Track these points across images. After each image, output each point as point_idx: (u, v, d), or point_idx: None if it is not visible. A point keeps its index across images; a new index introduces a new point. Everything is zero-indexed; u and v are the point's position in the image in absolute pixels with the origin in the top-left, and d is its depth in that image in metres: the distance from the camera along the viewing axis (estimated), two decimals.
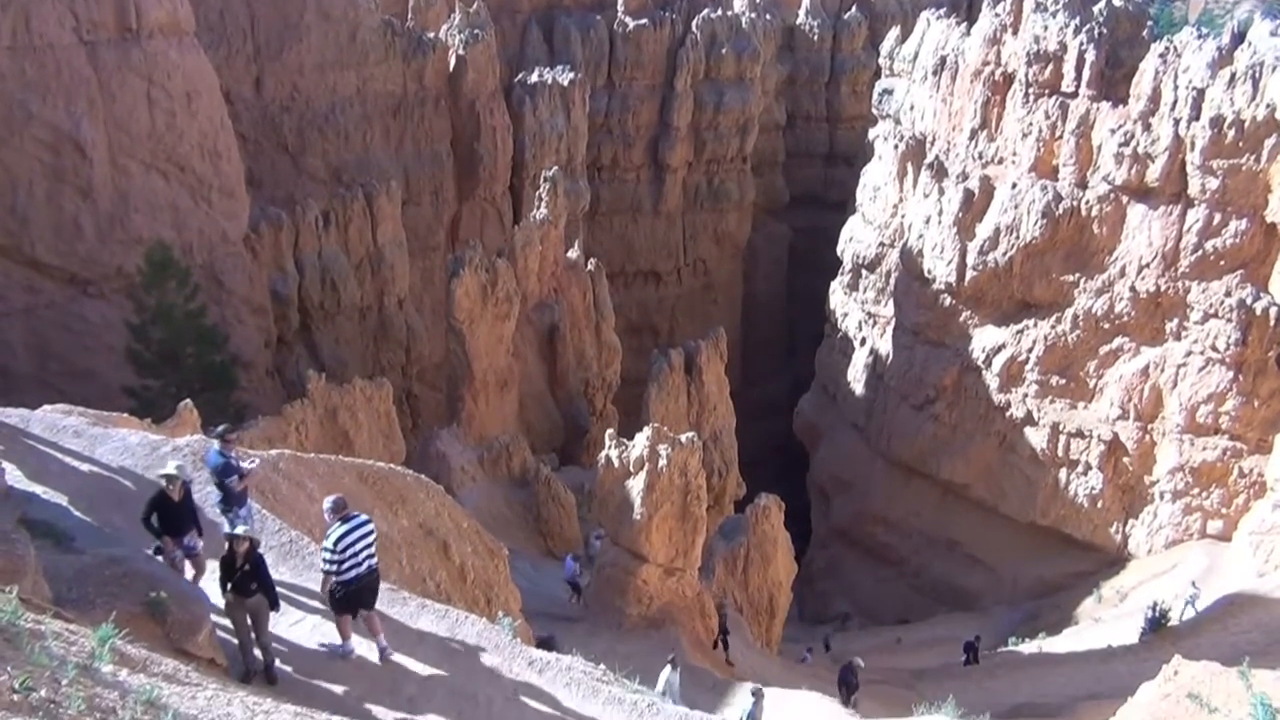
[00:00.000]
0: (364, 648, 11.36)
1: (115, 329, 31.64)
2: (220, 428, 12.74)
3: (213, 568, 10.68)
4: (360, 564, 10.96)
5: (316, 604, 12.11)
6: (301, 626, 11.70)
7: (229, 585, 10.07)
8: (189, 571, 11.17)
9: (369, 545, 11.12)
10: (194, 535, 10.99)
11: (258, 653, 10.34)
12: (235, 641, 10.35)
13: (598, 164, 71.92)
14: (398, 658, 11.37)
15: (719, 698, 22.19)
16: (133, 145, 33.64)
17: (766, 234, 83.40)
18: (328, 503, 11.59)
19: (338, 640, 11.16)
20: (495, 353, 38.57)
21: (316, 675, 11.01)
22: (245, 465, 12.22)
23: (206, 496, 12.96)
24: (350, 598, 10.95)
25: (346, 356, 40.88)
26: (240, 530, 10.19)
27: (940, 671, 35.41)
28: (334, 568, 10.75)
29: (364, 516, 11.46)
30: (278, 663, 10.54)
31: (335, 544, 10.82)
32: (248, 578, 10.00)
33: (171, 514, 10.64)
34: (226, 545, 10.11)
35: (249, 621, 10.22)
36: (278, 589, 10.70)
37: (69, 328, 32.56)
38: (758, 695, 17.80)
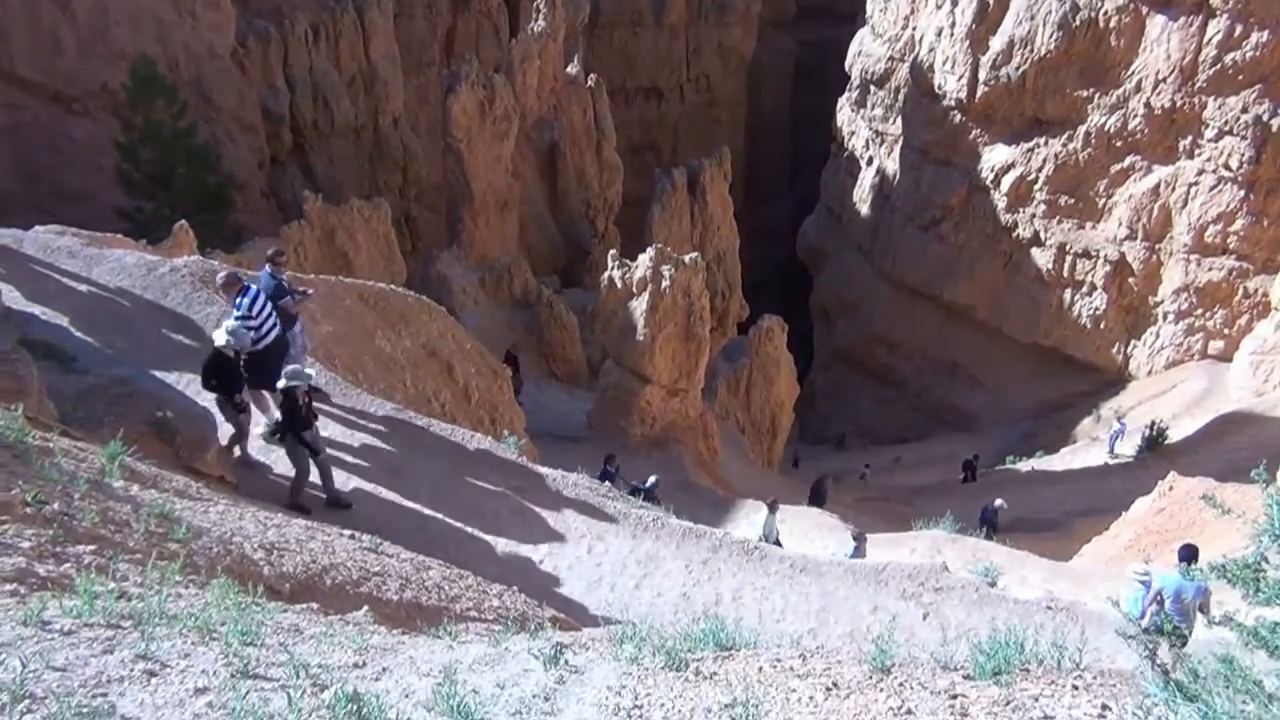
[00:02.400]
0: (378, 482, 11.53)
1: (104, 149, 30.87)
2: (271, 250, 12.86)
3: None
4: (271, 329, 11.34)
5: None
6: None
7: (290, 427, 10.37)
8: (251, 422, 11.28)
9: (273, 314, 11.43)
10: (245, 391, 11.07)
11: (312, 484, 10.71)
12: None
13: None
14: (408, 473, 11.51)
15: (722, 514, 22.81)
16: None
17: (772, 48, 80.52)
18: (220, 279, 11.85)
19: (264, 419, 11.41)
20: (494, 172, 37.85)
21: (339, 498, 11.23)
22: (299, 291, 12.52)
23: (208, 316, 12.90)
24: (265, 364, 11.21)
25: (342, 178, 40.12)
26: (294, 383, 10.32)
27: (938, 489, 36.25)
28: (255, 332, 11.03)
29: (257, 285, 11.69)
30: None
31: (250, 308, 11.09)
32: (307, 420, 10.39)
33: (227, 373, 10.72)
34: (282, 392, 10.32)
35: (310, 458, 10.54)
36: None
37: (56, 148, 31.79)
38: (772, 507, 18.06)
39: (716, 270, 38.87)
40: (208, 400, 11.26)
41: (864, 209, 59.42)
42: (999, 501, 26.58)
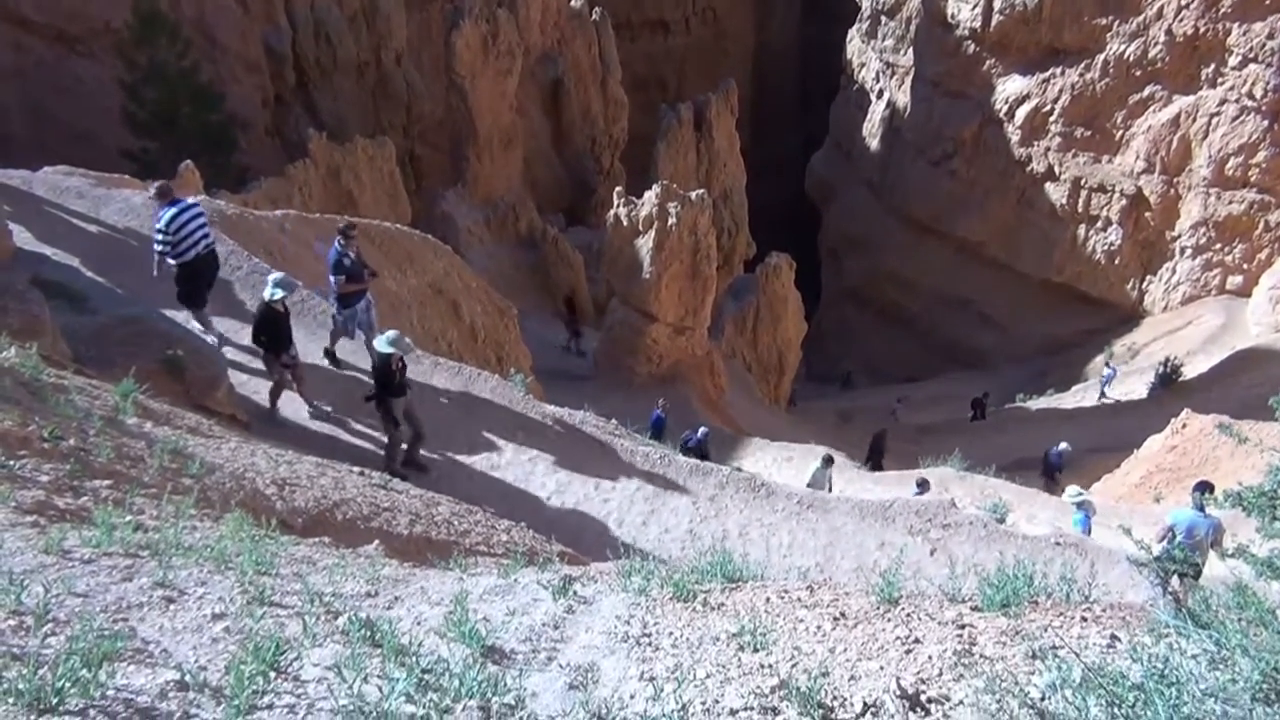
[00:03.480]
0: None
1: (109, 91, 30.76)
2: (343, 223, 12.87)
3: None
4: (197, 244, 11.25)
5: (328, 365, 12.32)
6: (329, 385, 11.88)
7: (385, 391, 10.50)
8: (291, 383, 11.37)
9: (203, 227, 11.36)
10: (294, 347, 11.16)
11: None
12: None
13: None
14: (414, 412, 11.58)
15: (729, 452, 22.93)
16: None
17: None
18: (151, 189, 11.82)
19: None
20: (498, 109, 37.47)
21: (340, 426, 11.31)
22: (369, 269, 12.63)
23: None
24: (193, 280, 11.30)
25: (346, 116, 39.77)
26: (391, 350, 10.44)
27: (946, 426, 36.20)
28: (169, 248, 11.03)
29: (192, 199, 11.64)
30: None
31: (168, 225, 11.02)
32: (400, 388, 10.59)
33: (279, 329, 10.78)
34: (379, 358, 10.48)
35: (394, 427, 10.69)
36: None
37: (63, 89, 31.67)
38: (827, 461, 17.81)
39: (723, 207, 38.60)
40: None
41: (874, 143, 58.73)
42: (1064, 445, 26.35)
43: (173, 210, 11.08)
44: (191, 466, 6.58)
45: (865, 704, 3.26)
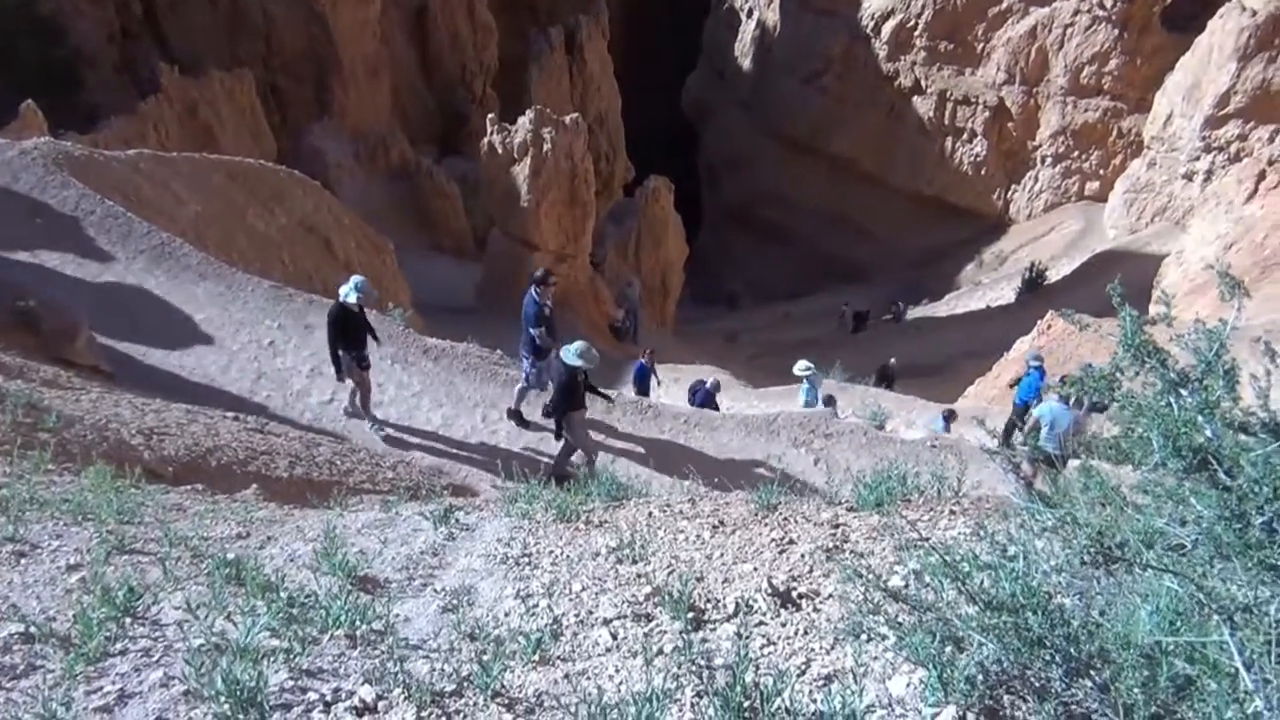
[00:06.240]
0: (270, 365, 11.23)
1: None
2: (540, 270, 11.92)
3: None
4: None
5: (192, 310, 11.85)
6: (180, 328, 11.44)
7: (568, 404, 10.27)
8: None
9: None
10: (367, 350, 10.66)
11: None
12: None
13: None
14: (289, 352, 11.24)
15: (616, 376, 22.98)
16: None
17: None
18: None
19: None
20: (361, 38, 36.11)
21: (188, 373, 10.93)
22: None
23: (64, 199, 12.17)
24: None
25: (200, 49, 37.66)
26: (580, 364, 10.19)
27: (828, 341, 37.06)
28: None
29: None
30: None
31: None
32: (583, 398, 10.52)
33: (353, 327, 10.30)
34: (566, 370, 10.15)
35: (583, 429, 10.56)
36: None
37: None
38: (829, 401, 17.54)
39: (599, 132, 38.22)
40: (71, 289, 10.75)
41: (746, 63, 58.75)
42: (893, 360, 27.31)
43: None
44: (48, 420, 6.28)
45: (738, 603, 3.34)
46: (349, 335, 10.28)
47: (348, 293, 10.21)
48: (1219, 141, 34.58)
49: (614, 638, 3.07)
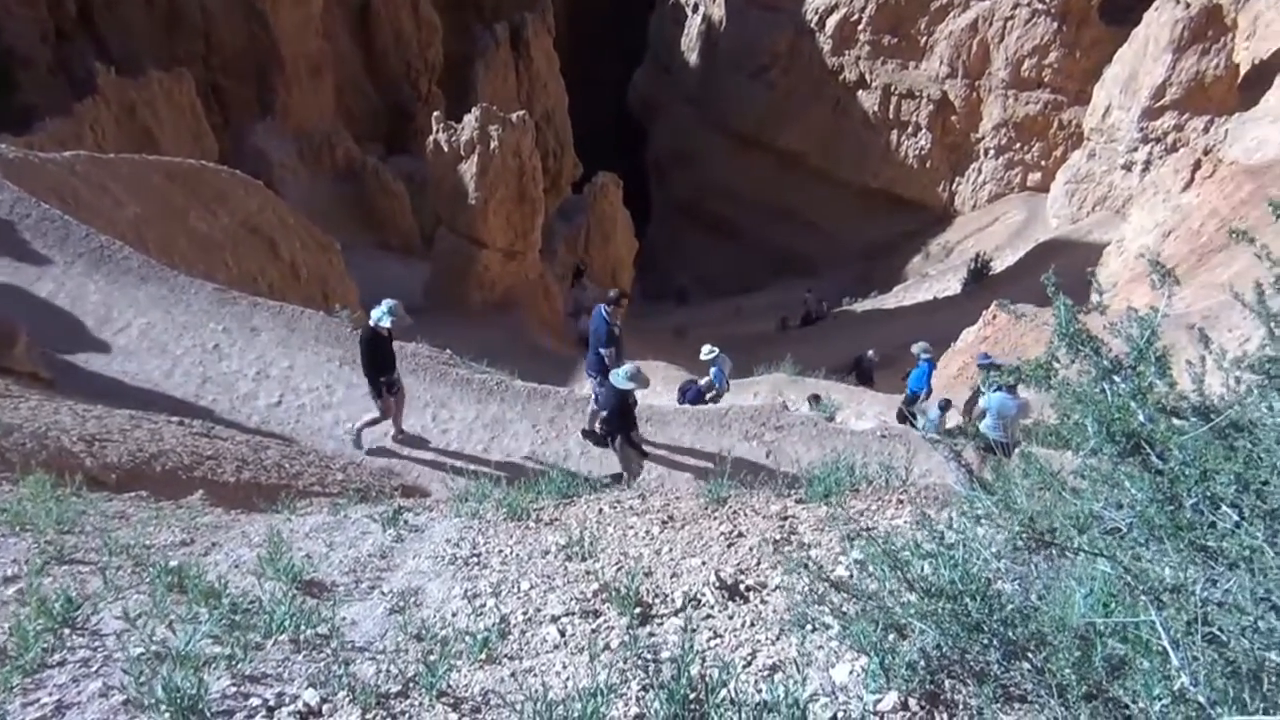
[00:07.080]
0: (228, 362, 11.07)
1: None
2: (614, 291, 11.78)
3: None
4: None
5: (133, 315, 11.65)
6: (128, 332, 11.25)
7: (624, 426, 10.14)
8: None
9: None
10: (397, 372, 10.52)
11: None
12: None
13: None
14: (234, 356, 11.12)
15: (567, 374, 22.96)
16: None
17: None
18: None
19: None
20: (303, 35, 35.65)
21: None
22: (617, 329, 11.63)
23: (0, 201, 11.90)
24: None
25: (138, 49, 36.91)
26: (631, 386, 10.02)
27: (778, 335, 37.29)
28: None
29: None
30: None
31: None
32: (633, 420, 10.35)
33: (383, 352, 10.10)
34: (617, 394, 9.99)
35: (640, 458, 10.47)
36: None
37: None
38: (813, 401, 17.56)
39: (546, 128, 38.10)
40: (6, 294, 10.51)
41: (692, 58, 58.88)
42: (871, 352, 27.31)
43: None
44: None
45: (685, 597, 3.37)
46: (378, 359, 10.13)
47: (380, 316, 10.01)
48: (1156, 132, 35.27)
49: (561, 635, 3.09)
